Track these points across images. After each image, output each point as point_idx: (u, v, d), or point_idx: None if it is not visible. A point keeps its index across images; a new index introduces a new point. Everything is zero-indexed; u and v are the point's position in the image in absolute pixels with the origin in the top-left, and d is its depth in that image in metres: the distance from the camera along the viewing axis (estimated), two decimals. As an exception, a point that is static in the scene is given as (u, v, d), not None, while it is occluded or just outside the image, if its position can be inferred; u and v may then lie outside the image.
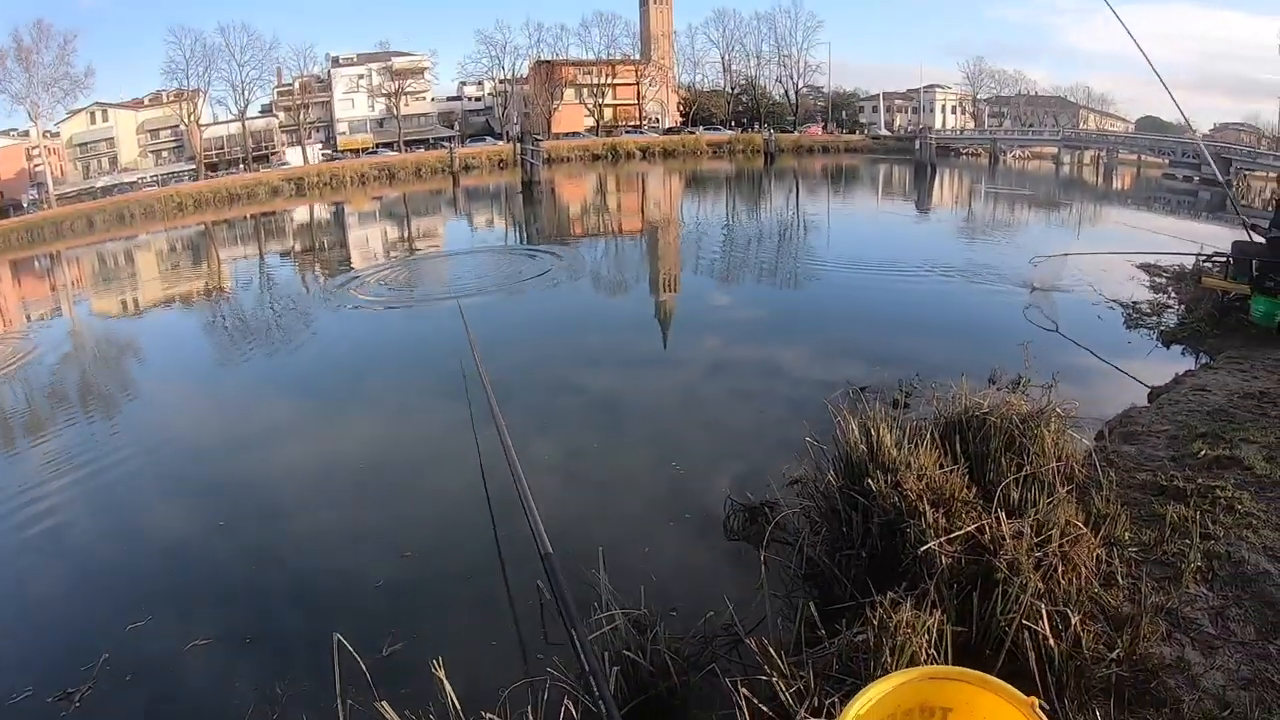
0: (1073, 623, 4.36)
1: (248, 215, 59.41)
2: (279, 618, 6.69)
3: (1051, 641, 4.26)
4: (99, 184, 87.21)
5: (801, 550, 5.86)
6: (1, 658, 6.41)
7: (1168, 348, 12.31)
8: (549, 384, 12.33)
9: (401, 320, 18.65)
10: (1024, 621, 4.31)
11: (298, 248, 39.17)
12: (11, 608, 7.25)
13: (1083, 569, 4.78)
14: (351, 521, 8.41)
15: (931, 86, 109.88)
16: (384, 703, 4.05)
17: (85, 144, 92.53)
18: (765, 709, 3.98)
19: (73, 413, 13.15)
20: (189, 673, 6.03)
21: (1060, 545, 4.83)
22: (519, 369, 12.95)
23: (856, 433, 6.31)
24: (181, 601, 7.00)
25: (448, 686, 4.17)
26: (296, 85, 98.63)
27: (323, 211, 58.75)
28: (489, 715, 4.04)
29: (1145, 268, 17.94)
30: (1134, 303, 14.84)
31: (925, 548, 4.78)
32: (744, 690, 3.95)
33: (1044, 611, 4.31)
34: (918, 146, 75.35)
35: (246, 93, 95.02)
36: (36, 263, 45.89)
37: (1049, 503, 5.36)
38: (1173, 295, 15.20)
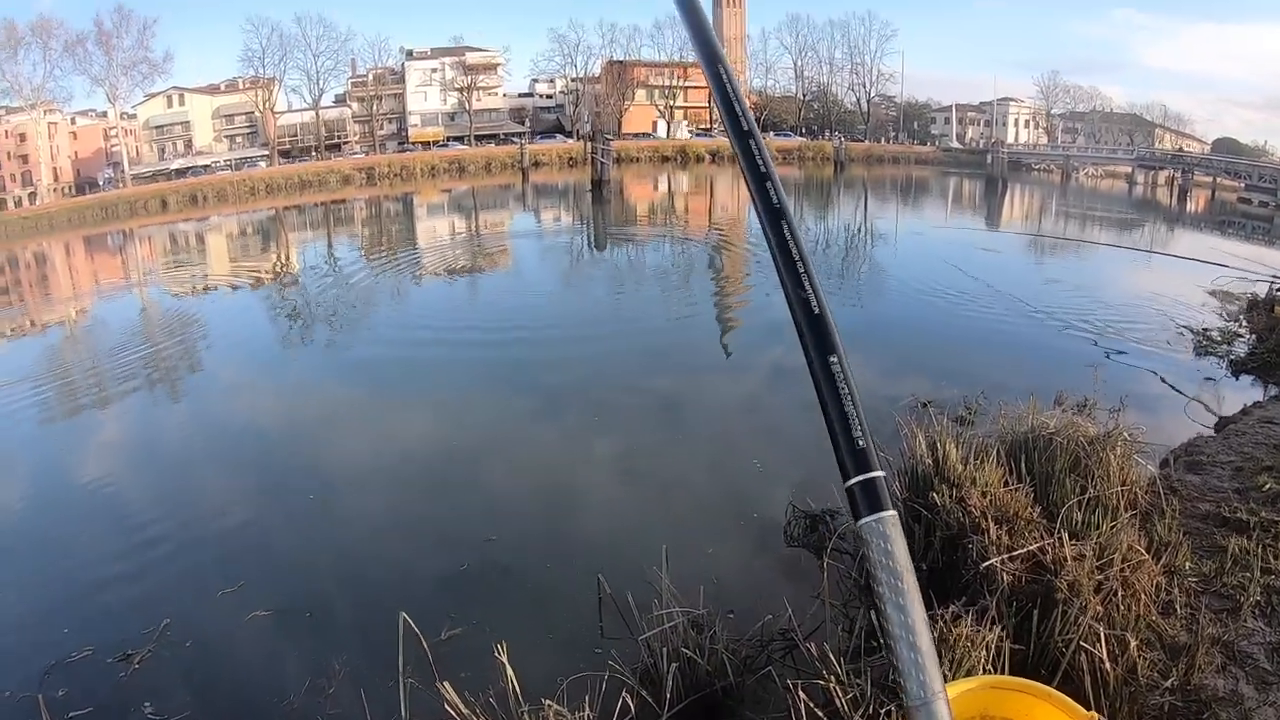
0: (1130, 648, 4.38)
1: (318, 202, 60.47)
2: (343, 594, 6.90)
3: (1108, 665, 4.27)
4: (173, 166, 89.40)
5: (861, 560, 5.90)
6: (70, 617, 6.70)
7: (1237, 377, 12.10)
8: (613, 384, 12.48)
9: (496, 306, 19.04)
10: (1082, 643, 4.34)
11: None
12: (82, 570, 7.56)
13: (1142, 595, 4.79)
14: (421, 509, 8.70)
15: (1005, 99, 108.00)
16: (445, 684, 4.18)
17: (161, 126, 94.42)
18: (820, 714, 4.03)
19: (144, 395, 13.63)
20: (248, 643, 6.27)
21: (1121, 570, 4.85)
22: (583, 364, 13.25)
23: (923, 446, 6.36)
24: (253, 571, 7.28)
25: (509, 670, 4.28)
26: (370, 77, 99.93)
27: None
28: (548, 702, 4.15)
29: (1217, 294, 17.64)
30: (1205, 330, 14.59)
31: (987, 564, 4.83)
32: (801, 694, 4.03)
33: (1102, 635, 4.33)
34: (989, 160, 74.26)
35: (321, 82, 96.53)
36: (110, 239, 47.07)
37: (1112, 527, 5.36)
38: (1244, 324, 14.92)
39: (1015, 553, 4.91)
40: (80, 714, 5.45)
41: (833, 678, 4.18)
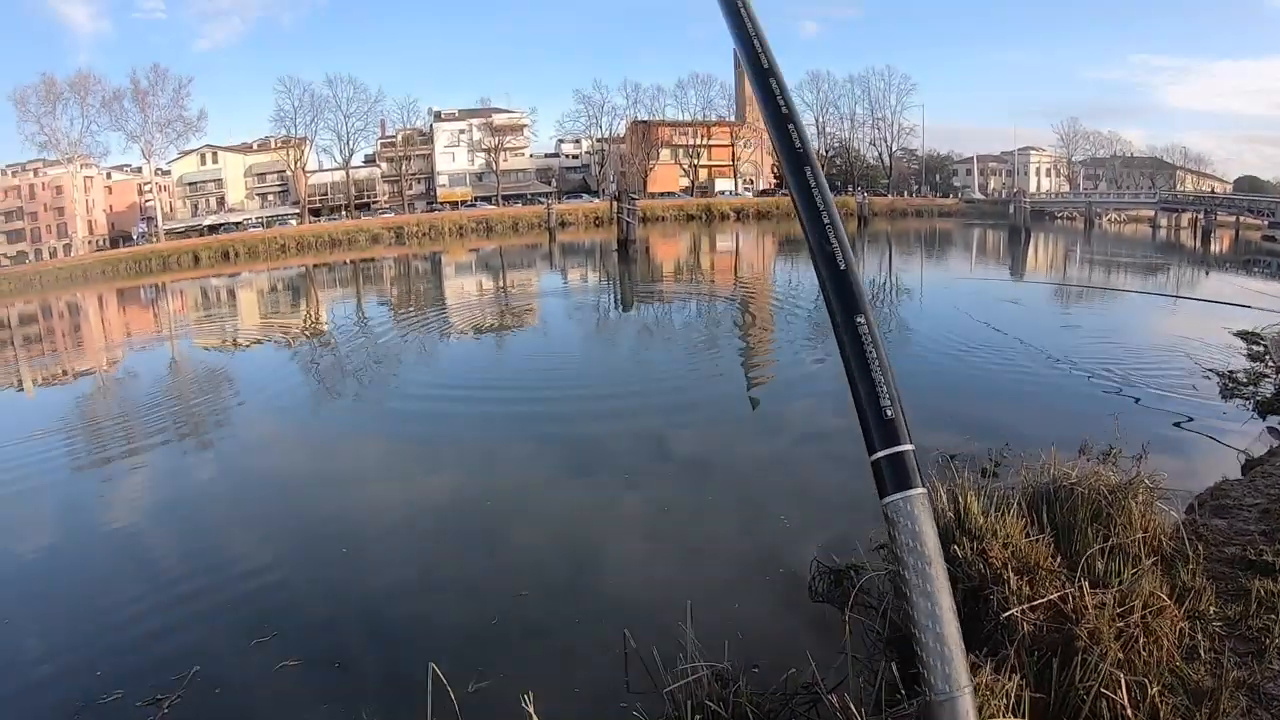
0: (1150, 694, 4.39)
1: (348, 260, 61.48)
2: (373, 646, 7.01)
3: (1129, 711, 4.29)
4: (206, 222, 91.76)
5: (885, 614, 5.96)
6: (101, 661, 6.85)
7: (1264, 418, 12.00)
8: (641, 442, 12.59)
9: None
10: (1102, 690, 4.36)
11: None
12: (114, 616, 7.74)
13: (1165, 641, 4.80)
14: (451, 564, 8.80)
15: (1026, 149, 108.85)
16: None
17: (195, 183, 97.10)
18: (844, 765, 4.08)
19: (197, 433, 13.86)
20: (277, 692, 6.36)
21: (1143, 616, 4.87)
22: (611, 421, 13.40)
23: (944, 499, 6.42)
24: (284, 622, 7.40)
25: (536, 721, 4.34)
26: (399, 137, 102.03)
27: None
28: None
29: (1242, 335, 17.59)
30: (1230, 372, 14.52)
31: (1007, 614, 4.87)
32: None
33: (1123, 681, 4.35)
34: (1012, 210, 74.10)
35: (351, 142, 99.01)
36: (142, 292, 48.04)
37: (1133, 574, 5.39)
38: (1270, 364, 14.84)
39: (1035, 602, 4.94)
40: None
41: (854, 729, 4.23)
